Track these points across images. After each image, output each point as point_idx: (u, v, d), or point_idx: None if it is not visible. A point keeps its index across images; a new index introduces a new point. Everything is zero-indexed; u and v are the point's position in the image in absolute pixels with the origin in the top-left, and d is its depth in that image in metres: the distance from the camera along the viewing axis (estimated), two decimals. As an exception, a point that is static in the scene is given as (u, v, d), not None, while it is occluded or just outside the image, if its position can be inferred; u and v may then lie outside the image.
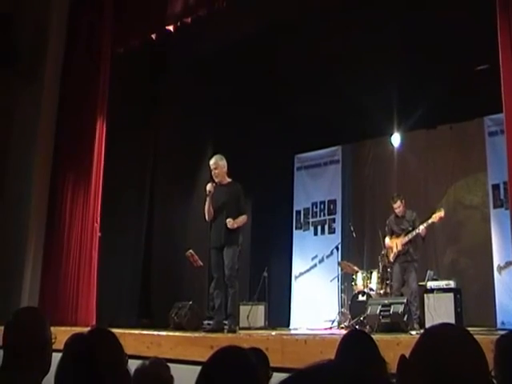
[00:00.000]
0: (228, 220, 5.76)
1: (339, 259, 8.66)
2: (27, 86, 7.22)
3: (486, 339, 2.65)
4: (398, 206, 7.07)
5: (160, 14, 6.91)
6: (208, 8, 6.56)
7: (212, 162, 6.02)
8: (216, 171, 5.96)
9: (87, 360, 1.72)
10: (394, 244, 7.02)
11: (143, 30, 7.14)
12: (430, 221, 6.84)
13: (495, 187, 7.86)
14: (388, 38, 7.18)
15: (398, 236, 7.04)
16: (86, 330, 1.94)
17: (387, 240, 7.18)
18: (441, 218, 6.92)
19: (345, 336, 2.37)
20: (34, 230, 6.88)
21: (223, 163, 5.99)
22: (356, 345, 2.25)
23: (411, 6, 6.82)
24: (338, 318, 8.14)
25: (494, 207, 7.86)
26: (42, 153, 7.11)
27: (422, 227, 6.81)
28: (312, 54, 7.89)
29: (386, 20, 7.06)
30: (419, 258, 7.04)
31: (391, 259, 7.08)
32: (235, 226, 5.80)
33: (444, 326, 1.32)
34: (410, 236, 6.87)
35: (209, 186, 5.94)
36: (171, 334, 5.23)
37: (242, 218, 5.94)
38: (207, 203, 5.94)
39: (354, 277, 8.09)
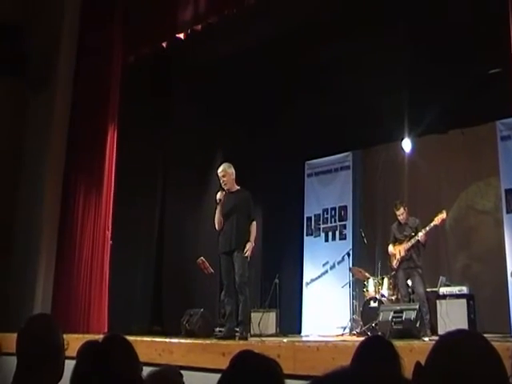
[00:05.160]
0: (248, 252, 5.78)
1: (350, 265, 8.63)
2: (39, 95, 7.28)
3: (501, 346, 2.62)
4: (401, 213, 7.07)
5: (170, 23, 6.95)
6: (218, 15, 6.59)
7: (220, 169, 6.04)
8: (224, 179, 5.97)
9: (102, 367, 1.72)
10: (397, 251, 7.01)
11: (153, 39, 7.18)
12: (432, 224, 6.83)
13: (508, 192, 7.81)
14: (398, 43, 7.16)
15: (401, 243, 7.02)
16: (98, 337, 1.94)
17: (390, 247, 7.16)
18: (443, 220, 6.90)
19: (362, 342, 2.36)
20: (46, 237, 6.91)
21: (231, 171, 6.01)
22: (373, 350, 2.24)
23: (422, 10, 6.80)
24: (349, 324, 8.10)
25: (507, 212, 7.80)
26: (54, 161, 7.15)
27: (420, 234, 6.80)
28: (322, 60, 7.89)
29: (395, 24, 7.04)
30: (423, 265, 7.00)
31: (394, 266, 7.07)
32: (252, 251, 5.86)
33: (460, 332, 1.30)
34: (413, 241, 6.86)
35: (219, 195, 5.97)
36: (183, 341, 5.22)
37: (254, 229, 5.94)
38: (217, 212, 5.96)
39: (365, 283, 8.05)
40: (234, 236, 5.81)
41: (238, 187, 6.07)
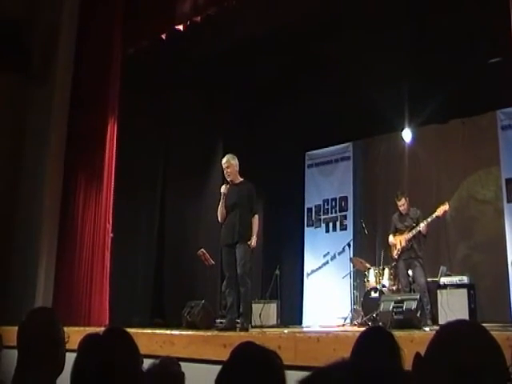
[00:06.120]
0: (252, 244, 5.82)
1: (351, 256, 8.64)
2: (39, 89, 7.26)
3: (501, 335, 2.62)
4: (402, 204, 7.09)
5: (169, 14, 6.91)
6: (217, 6, 6.55)
7: (224, 161, 6.03)
8: (228, 170, 5.97)
9: (103, 360, 1.72)
10: (398, 241, 7.03)
11: (153, 30, 7.15)
12: (434, 215, 6.84)
13: (509, 181, 7.80)
14: (398, 33, 7.13)
15: (401, 233, 7.05)
16: (99, 330, 1.94)
17: (391, 237, 7.19)
18: (445, 212, 6.90)
19: (362, 333, 2.36)
20: (47, 231, 6.92)
21: (235, 162, 6.00)
22: (373, 341, 2.24)
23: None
24: (350, 315, 8.12)
25: (508, 201, 7.79)
26: (55, 154, 7.15)
27: (422, 225, 6.83)
28: (322, 51, 7.86)
29: (395, 14, 7.00)
30: (424, 255, 7.03)
31: (395, 256, 7.09)
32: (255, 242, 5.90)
33: (460, 323, 1.30)
34: (414, 232, 6.87)
35: (223, 188, 5.96)
36: (184, 332, 5.23)
37: (256, 222, 5.95)
38: (220, 205, 5.95)
39: (366, 273, 8.06)
40: (236, 229, 5.80)
41: (242, 179, 6.06)
